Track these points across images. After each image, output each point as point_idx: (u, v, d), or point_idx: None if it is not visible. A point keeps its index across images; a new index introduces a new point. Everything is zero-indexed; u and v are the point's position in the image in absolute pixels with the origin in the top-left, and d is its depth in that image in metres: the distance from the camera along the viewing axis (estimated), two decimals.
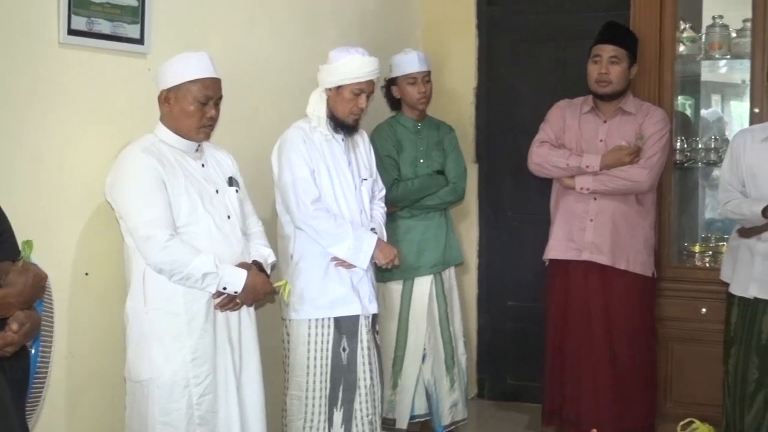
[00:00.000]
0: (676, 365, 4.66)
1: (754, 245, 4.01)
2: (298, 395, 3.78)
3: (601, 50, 4.32)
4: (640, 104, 4.43)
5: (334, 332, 3.80)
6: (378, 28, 5.01)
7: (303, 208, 3.71)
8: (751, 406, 4.04)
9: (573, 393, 4.39)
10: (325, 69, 3.79)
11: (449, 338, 4.64)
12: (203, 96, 3.17)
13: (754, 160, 4.03)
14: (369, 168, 4.01)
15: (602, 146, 4.35)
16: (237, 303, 3.25)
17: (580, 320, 4.36)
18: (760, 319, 3.99)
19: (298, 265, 3.79)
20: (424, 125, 4.66)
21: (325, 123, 3.79)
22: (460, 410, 4.69)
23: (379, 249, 3.85)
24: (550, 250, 4.47)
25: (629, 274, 4.35)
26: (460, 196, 4.70)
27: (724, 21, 4.69)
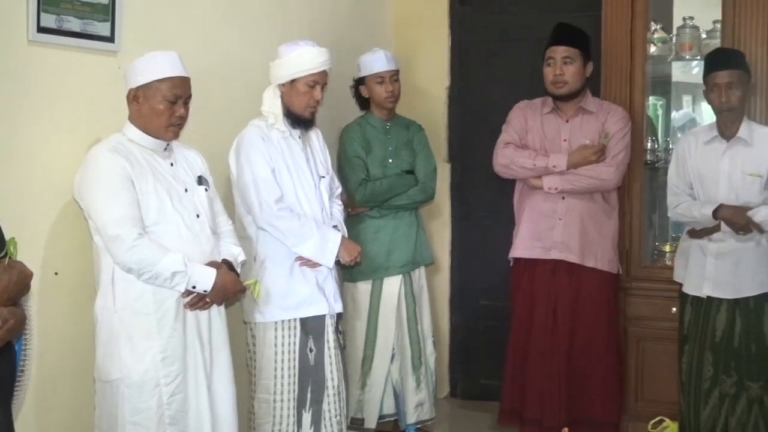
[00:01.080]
0: (646, 364, 4.68)
1: (706, 245, 4.08)
2: (266, 398, 3.75)
3: (554, 52, 4.34)
4: (600, 103, 4.47)
5: (301, 333, 3.78)
6: (350, 27, 5.01)
7: (266, 208, 3.68)
8: (707, 403, 4.11)
9: (536, 391, 4.40)
10: (276, 64, 3.77)
11: (417, 338, 4.64)
12: (172, 95, 3.15)
13: (699, 163, 4.10)
14: (326, 165, 3.99)
15: (566, 146, 4.37)
16: (207, 302, 3.23)
17: (546, 318, 4.37)
18: (714, 318, 4.07)
19: (262, 267, 3.75)
20: (393, 125, 4.66)
21: (282, 120, 3.76)
22: (426, 410, 4.70)
23: (343, 246, 3.85)
24: (516, 249, 4.47)
25: (597, 272, 4.38)
26: (429, 196, 4.71)
27: (695, 22, 4.72)
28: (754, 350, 4.02)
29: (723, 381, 4.06)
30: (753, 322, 4.03)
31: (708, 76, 4.02)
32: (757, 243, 4.02)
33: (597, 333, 4.39)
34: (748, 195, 4.00)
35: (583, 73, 4.36)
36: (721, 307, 4.06)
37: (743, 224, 3.95)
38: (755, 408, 4.03)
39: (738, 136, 4.02)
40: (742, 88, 3.98)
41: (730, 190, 4.03)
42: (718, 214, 3.98)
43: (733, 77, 3.96)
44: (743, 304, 4.03)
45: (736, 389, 4.04)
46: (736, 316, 4.04)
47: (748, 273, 4.01)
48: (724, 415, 4.07)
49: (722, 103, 3.97)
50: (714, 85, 3.97)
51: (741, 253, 4.01)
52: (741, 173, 4.01)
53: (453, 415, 5.31)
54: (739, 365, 4.03)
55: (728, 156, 4.04)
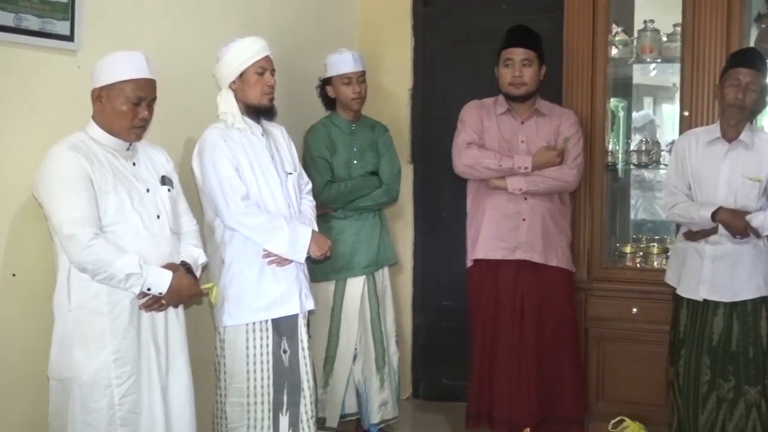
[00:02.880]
0: (607, 364, 4.72)
1: (702, 248, 4.08)
2: (239, 402, 3.71)
3: (512, 53, 4.37)
4: (551, 106, 4.51)
5: (274, 334, 3.75)
6: (314, 27, 5.00)
7: (233, 206, 3.65)
8: (704, 407, 4.11)
9: (505, 392, 4.41)
10: (220, 66, 3.75)
11: (380, 338, 4.65)
12: (135, 97, 3.13)
13: (699, 164, 4.10)
14: (292, 162, 3.96)
15: (524, 147, 4.39)
16: (162, 304, 3.21)
17: (513, 318, 4.39)
18: (711, 321, 4.07)
19: (230, 269, 3.72)
20: (359, 126, 4.66)
21: (241, 118, 3.74)
22: (390, 409, 4.71)
23: (313, 240, 3.82)
24: (480, 250, 4.47)
25: (559, 270, 4.42)
26: (393, 198, 4.71)
27: (656, 25, 4.77)
28: (752, 354, 4.03)
29: (721, 385, 4.06)
30: (750, 326, 4.03)
31: (731, 70, 4.00)
32: (753, 246, 4.02)
33: (563, 331, 4.43)
34: (746, 199, 4.01)
35: (539, 75, 4.39)
36: (717, 310, 4.06)
37: (741, 228, 3.96)
38: (753, 413, 4.03)
39: (740, 139, 4.03)
40: (758, 92, 3.99)
41: (729, 193, 4.03)
42: (717, 217, 3.97)
43: (756, 79, 3.97)
44: (740, 307, 4.04)
45: (734, 394, 4.04)
46: (734, 319, 4.04)
47: (744, 276, 4.02)
48: (721, 419, 4.07)
49: (737, 99, 3.96)
50: (734, 80, 3.96)
51: (738, 256, 4.02)
52: (741, 177, 4.01)
53: (415, 415, 5.31)
54: (737, 369, 4.04)
55: (729, 158, 4.04)
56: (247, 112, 3.77)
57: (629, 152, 4.89)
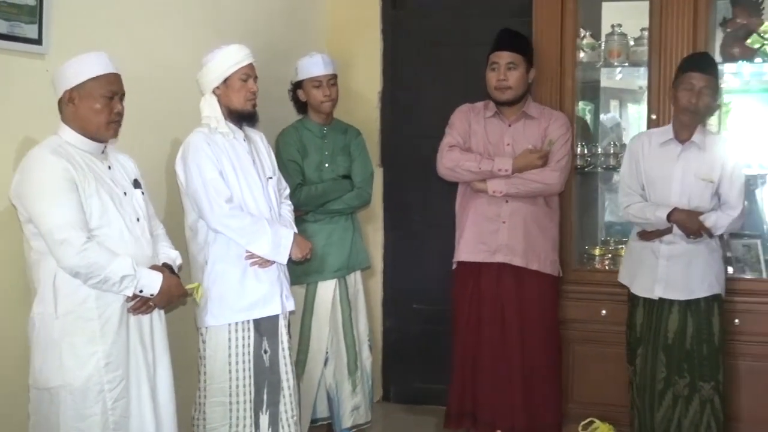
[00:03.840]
0: (577, 366, 4.75)
1: (657, 248, 4.16)
2: (221, 401, 3.75)
3: (498, 57, 4.38)
4: (542, 109, 4.51)
5: (255, 334, 3.79)
6: (283, 30, 4.99)
7: (217, 209, 3.69)
8: (661, 404, 4.19)
9: (488, 395, 4.43)
10: (204, 71, 3.81)
11: (353, 342, 4.64)
12: (108, 91, 3.13)
13: (652, 164, 4.17)
14: (272, 167, 4.02)
15: (509, 150, 4.40)
16: (150, 306, 3.22)
17: (494, 322, 4.40)
18: (666, 319, 4.16)
19: (214, 270, 3.76)
20: (331, 129, 4.66)
21: (225, 122, 3.79)
22: (362, 413, 4.70)
23: (295, 243, 3.87)
24: (461, 253, 4.49)
25: (540, 275, 4.43)
26: (365, 201, 4.71)
27: (623, 29, 4.81)
28: (706, 351, 4.12)
29: (676, 382, 4.15)
30: (704, 324, 4.12)
31: (684, 74, 4.07)
32: (706, 245, 4.12)
33: (543, 335, 4.45)
34: (699, 199, 4.09)
35: (526, 78, 4.41)
36: (672, 308, 4.15)
37: (695, 229, 4.04)
38: (707, 408, 4.12)
39: (692, 140, 4.10)
40: (711, 96, 4.07)
41: (682, 194, 4.11)
42: (672, 218, 4.06)
43: (709, 83, 4.04)
44: (694, 305, 4.13)
45: (689, 390, 4.13)
46: (688, 317, 4.13)
47: (698, 275, 4.11)
48: (677, 416, 4.15)
49: (690, 104, 4.03)
50: (689, 85, 4.03)
51: (692, 255, 4.11)
52: (694, 177, 4.10)
53: (387, 419, 5.30)
54: (692, 366, 4.12)
55: (682, 160, 4.12)
56: (229, 117, 3.83)
57: (597, 155, 4.91)
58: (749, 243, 4.57)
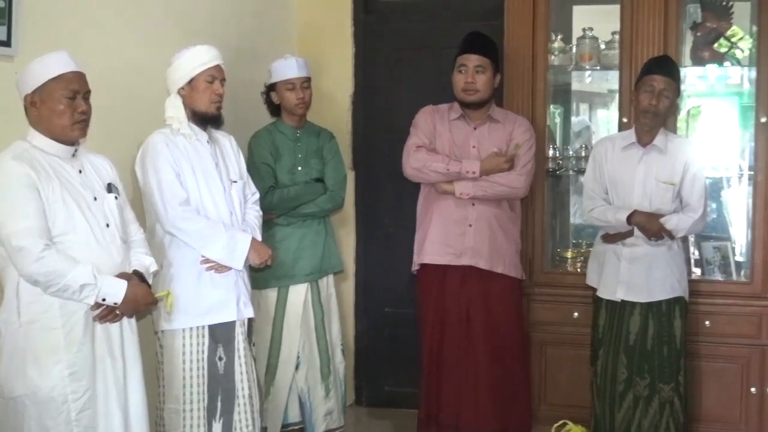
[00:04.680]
0: (549, 368, 4.77)
1: (620, 250, 4.19)
2: (175, 408, 3.69)
3: (467, 60, 4.38)
4: (506, 113, 4.53)
5: (209, 341, 3.73)
6: (254, 32, 4.97)
7: (171, 211, 3.64)
8: (621, 406, 4.22)
9: (452, 398, 4.43)
10: (171, 71, 3.77)
11: (325, 346, 4.61)
12: (69, 91, 3.07)
13: (615, 168, 4.22)
14: (239, 171, 3.96)
15: (475, 152, 4.41)
16: (117, 314, 3.15)
17: (459, 324, 4.40)
18: (628, 321, 4.19)
19: (169, 273, 3.70)
20: (304, 132, 4.63)
21: (188, 124, 3.74)
22: (335, 418, 4.67)
23: (253, 248, 3.81)
24: (426, 255, 4.47)
25: (505, 278, 4.43)
26: (338, 204, 4.69)
27: (594, 33, 4.83)
28: (666, 353, 4.16)
29: (637, 383, 4.18)
30: (665, 325, 4.16)
31: (645, 77, 4.12)
32: (668, 248, 4.16)
33: (509, 338, 4.44)
34: (660, 202, 4.14)
35: (493, 83, 4.41)
36: (634, 310, 4.18)
37: (656, 231, 4.09)
38: (667, 409, 4.16)
39: (654, 144, 4.15)
40: (671, 98, 4.12)
41: (644, 197, 4.15)
42: (632, 220, 4.10)
43: (669, 86, 4.09)
44: (656, 307, 4.17)
45: (649, 391, 4.17)
46: (649, 319, 4.17)
47: (660, 277, 4.15)
48: (637, 417, 4.19)
49: (651, 106, 4.07)
50: (649, 87, 4.07)
51: (653, 258, 4.14)
52: (655, 180, 4.14)
53: (359, 422, 5.30)
54: (652, 368, 4.16)
55: (644, 163, 4.17)
56: (193, 119, 3.78)
57: (568, 158, 4.94)
58: (719, 245, 4.62)
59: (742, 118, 5.12)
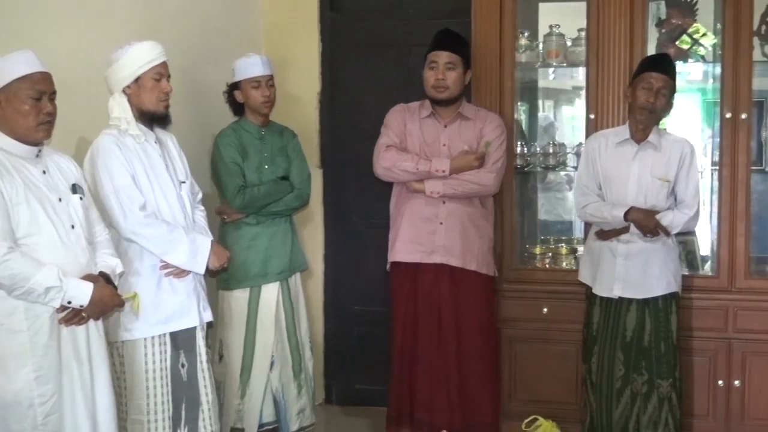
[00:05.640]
0: (519, 364, 4.79)
1: (615, 247, 4.21)
2: (139, 419, 3.59)
3: (437, 57, 4.38)
4: (477, 110, 4.53)
5: (172, 348, 3.66)
6: (220, 32, 4.93)
7: (131, 217, 3.53)
8: (619, 402, 4.24)
9: (425, 395, 4.43)
10: (114, 70, 3.64)
11: (296, 344, 4.60)
12: (35, 91, 3.02)
13: (608, 164, 4.23)
14: (184, 170, 3.87)
15: (446, 150, 4.41)
16: (83, 317, 3.10)
17: (431, 322, 4.41)
18: (624, 318, 4.21)
19: (127, 282, 3.57)
20: (268, 131, 4.61)
21: (135, 124, 3.63)
22: (307, 416, 4.67)
23: (213, 252, 3.75)
24: (398, 253, 4.48)
25: (477, 275, 4.44)
26: (305, 202, 4.68)
27: (561, 30, 4.85)
28: (663, 349, 4.18)
29: (634, 380, 4.20)
30: (662, 321, 4.19)
31: (643, 74, 4.13)
32: (663, 244, 4.19)
33: (480, 335, 4.45)
34: (655, 198, 4.16)
35: (463, 80, 4.42)
36: (630, 307, 4.19)
37: (652, 227, 4.11)
38: (665, 405, 4.19)
39: (648, 140, 4.16)
40: (668, 96, 4.13)
41: (639, 193, 4.17)
42: (629, 217, 4.11)
43: (667, 84, 4.11)
44: (652, 303, 4.19)
45: (648, 387, 4.19)
46: (646, 315, 4.19)
47: (655, 273, 4.17)
48: (635, 413, 4.21)
49: (648, 103, 4.09)
50: (647, 84, 4.09)
51: (649, 254, 4.17)
52: (650, 177, 4.16)
53: (329, 421, 5.29)
54: (650, 364, 4.18)
55: (638, 159, 4.18)
56: (140, 119, 3.65)
57: (536, 155, 4.96)
58: (685, 240, 4.66)
59: (705, 114, 5.19)
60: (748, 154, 4.48)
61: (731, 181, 4.50)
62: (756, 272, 4.62)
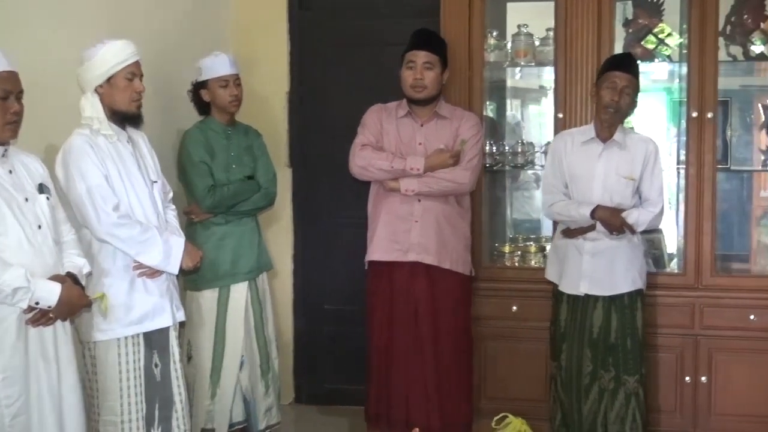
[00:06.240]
0: (489, 362, 4.81)
1: (581, 244, 4.24)
2: (112, 421, 3.56)
3: (415, 56, 4.39)
4: (453, 109, 4.55)
5: (145, 348, 3.63)
6: (187, 31, 4.90)
7: (105, 218, 3.50)
8: (587, 398, 4.27)
9: (401, 394, 4.43)
10: (86, 69, 3.60)
11: (264, 343, 4.60)
12: (2, 91, 2.99)
13: (574, 163, 4.26)
14: (155, 169, 3.85)
15: (422, 149, 4.42)
16: (51, 318, 3.08)
17: (408, 320, 4.41)
18: (591, 315, 4.24)
19: (100, 282, 3.55)
20: (235, 130, 4.60)
21: (108, 124, 3.60)
22: (274, 414, 4.67)
23: (186, 252, 3.74)
24: (374, 252, 4.48)
25: (453, 274, 4.44)
26: (271, 201, 4.67)
27: (529, 30, 4.88)
28: (630, 345, 4.22)
29: (602, 376, 4.23)
30: (628, 318, 4.23)
31: (607, 73, 4.16)
32: (629, 241, 4.23)
33: (456, 334, 4.46)
34: (621, 197, 4.19)
35: (441, 79, 4.43)
36: (597, 304, 4.23)
37: (618, 225, 4.15)
38: (632, 401, 4.22)
39: (614, 139, 4.20)
40: (632, 95, 4.17)
41: (605, 191, 4.20)
42: (596, 215, 4.15)
43: (631, 83, 4.14)
44: (618, 300, 4.22)
45: (615, 384, 4.22)
46: (612, 312, 4.22)
47: (621, 270, 4.21)
48: (603, 409, 4.24)
49: (613, 102, 4.11)
50: (611, 83, 4.12)
51: (615, 252, 4.20)
52: (616, 175, 4.19)
53: (299, 420, 5.28)
54: (617, 360, 4.22)
55: (604, 158, 4.21)
56: (112, 118, 3.62)
57: (505, 154, 4.98)
58: (653, 237, 4.70)
59: (671, 114, 5.25)
60: (713, 152, 4.54)
61: (697, 180, 4.55)
62: (722, 270, 4.68)
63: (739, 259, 4.85)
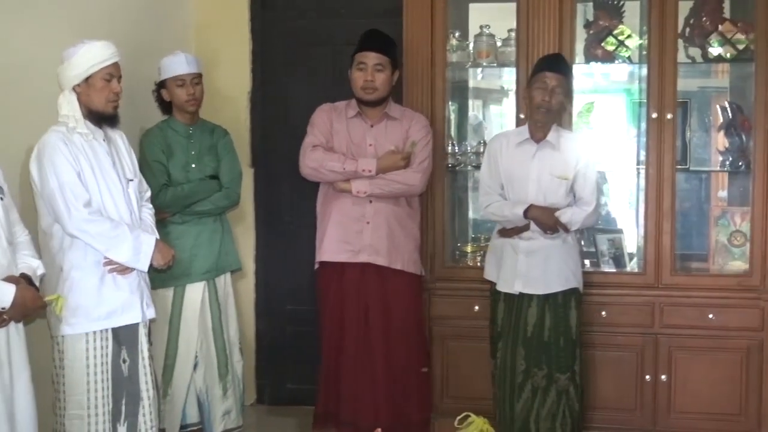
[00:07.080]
0: (451, 362, 4.82)
1: (517, 244, 4.28)
2: (78, 414, 3.59)
3: (366, 57, 4.39)
4: (403, 110, 4.56)
5: (113, 344, 3.66)
6: (149, 29, 4.87)
7: (75, 213, 3.53)
8: (520, 396, 4.30)
9: (350, 394, 4.44)
10: (65, 68, 3.64)
11: (223, 346, 4.58)
12: None
13: (510, 164, 4.30)
14: (133, 168, 3.89)
15: (372, 150, 4.42)
16: (4, 319, 3.06)
17: (358, 321, 4.42)
18: (526, 313, 4.27)
19: (70, 277, 3.59)
20: (197, 129, 4.58)
21: (84, 122, 3.64)
22: (233, 418, 4.65)
23: (157, 249, 3.76)
24: (325, 253, 4.48)
25: (404, 274, 4.46)
26: (234, 201, 4.65)
27: (491, 30, 4.89)
28: (562, 343, 4.26)
29: (535, 374, 4.26)
30: (561, 317, 4.26)
31: (538, 74, 4.20)
32: (563, 241, 4.27)
33: (408, 334, 4.48)
34: (555, 196, 4.23)
35: (391, 80, 4.43)
36: (532, 302, 4.26)
37: (551, 224, 4.19)
38: (563, 398, 4.27)
39: (547, 139, 4.24)
40: (563, 95, 4.21)
41: (539, 192, 4.23)
42: (529, 214, 4.19)
43: (561, 82, 4.18)
44: (552, 299, 4.26)
45: (547, 381, 4.26)
46: (546, 311, 4.26)
47: (555, 269, 4.25)
48: (536, 406, 4.28)
49: (544, 102, 4.16)
50: (542, 84, 4.16)
51: (549, 251, 4.24)
52: (549, 175, 4.23)
53: (260, 421, 5.27)
54: (549, 358, 4.26)
55: (537, 158, 4.25)
56: (89, 117, 3.67)
57: (467, 154, 5.00)
58: (613, 237, 4.75)
59: (631, 114, 5.29)
60: (673, 153, 4.58)
61: (657, 180, 4.59)
62: (681, 269, 4.73)
63: (698, 258, 4.89)
